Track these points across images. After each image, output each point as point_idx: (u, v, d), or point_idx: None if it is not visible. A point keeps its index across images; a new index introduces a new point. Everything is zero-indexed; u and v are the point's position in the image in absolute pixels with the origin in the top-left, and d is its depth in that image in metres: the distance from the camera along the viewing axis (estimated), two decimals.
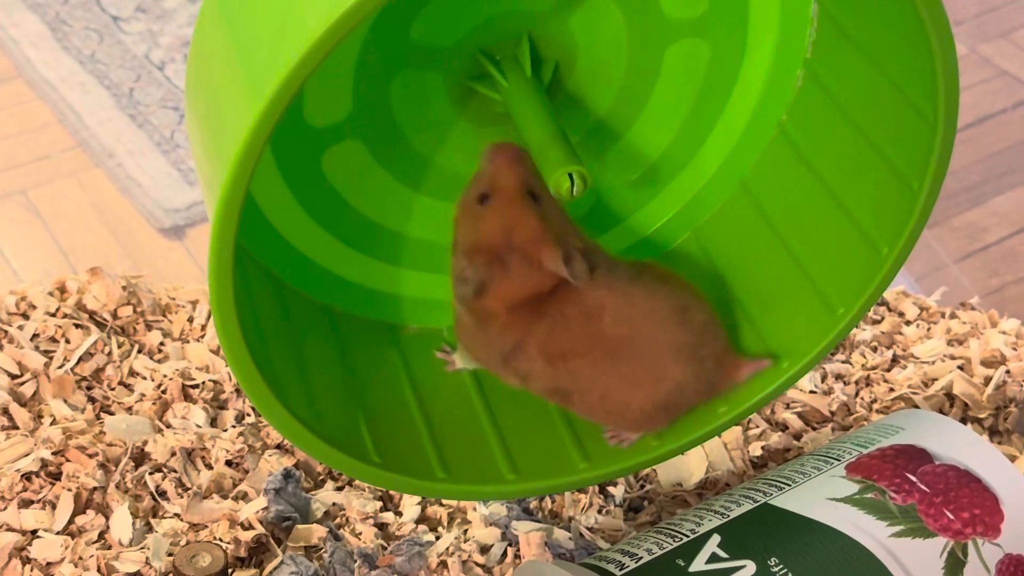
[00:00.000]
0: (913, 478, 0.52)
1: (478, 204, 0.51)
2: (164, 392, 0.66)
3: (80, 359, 0.67)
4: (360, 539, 0.59)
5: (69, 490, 0.60)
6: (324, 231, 0.56)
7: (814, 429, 0.66)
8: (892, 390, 0.69)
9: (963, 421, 0.67)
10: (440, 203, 0.56)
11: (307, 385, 0.52)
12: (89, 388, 0.67)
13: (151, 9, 1.04)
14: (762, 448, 0.64)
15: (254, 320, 0.48)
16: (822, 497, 0.52)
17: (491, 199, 0.51)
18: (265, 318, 0.51)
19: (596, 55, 0.54)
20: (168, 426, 0.64)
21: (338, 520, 0.60)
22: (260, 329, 0.49)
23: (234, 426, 0.64)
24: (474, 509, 0.60)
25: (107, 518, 0.59)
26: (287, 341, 0.53)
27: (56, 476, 0.61)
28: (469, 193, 0.52)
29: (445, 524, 0.60)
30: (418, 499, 0.61)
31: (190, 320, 0.71)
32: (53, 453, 0.61)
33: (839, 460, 0.54)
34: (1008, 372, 0.69)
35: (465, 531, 0.60)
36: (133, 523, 0.58)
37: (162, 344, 0.70)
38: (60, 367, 0.67)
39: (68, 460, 0.62)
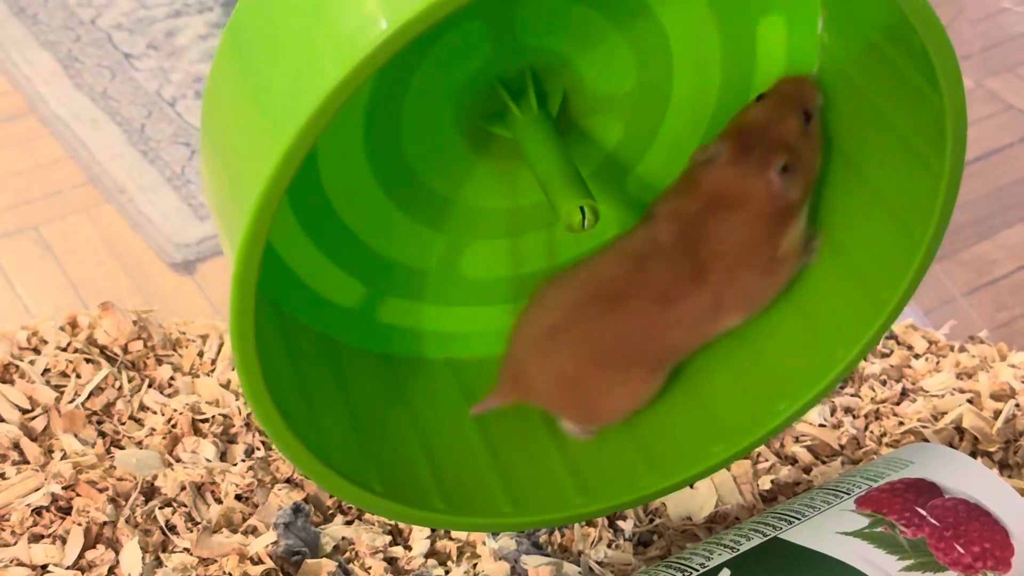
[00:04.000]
0: (923, 512, 0.52)
1: (754, 101, 0.54)
2: (174, 426, 0.66)
3: (91, 394, 0.68)
4: (369, 573, 0.58)
5: (79, 525, 0.60)
6: (342, 272, 0.56)
7: (824, 463, 0.66)
8: (901, 424, 0.69)
9: (973, 455, 0.67)
10: (467, 241, 0.57)
11: (315, 418, 0.52)
12: (99, 423, 0.67)
13: (163, 46, 1.05)
14: (771, 482, 0.64)
15: (269, 358, 0.48)
16: (832, 531, 0.52)
17: (767, 99, 0.53)
18: (276, 354, 0.51)
19: (604, 89, 0.55)
20: (178, 460, 0.64)
21: (347, 554, 0.60)
22: (281, 368, 0.49)
23: (244, 460, 0.64)
24: (483, 543, 0.60)
25: (117, 553, 0.59)
26: (295, 375, 0.53)
27: (66, 511, 0.61)
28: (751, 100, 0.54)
29: (454, 558, 0.60)
30: (427, 533, 0.61)
31: (200, 355, 0.72)
32: (63, 488, 0.62)
33: (849, 494, 0.54)
34: (1018, 406, 0.69)
35: (475, 565, 0.59)
36: (143, 558, 0.58)
37: (172, 379, 0.70)
38: (71, 402, 0.67)
39: (78, 495, 0.62)
